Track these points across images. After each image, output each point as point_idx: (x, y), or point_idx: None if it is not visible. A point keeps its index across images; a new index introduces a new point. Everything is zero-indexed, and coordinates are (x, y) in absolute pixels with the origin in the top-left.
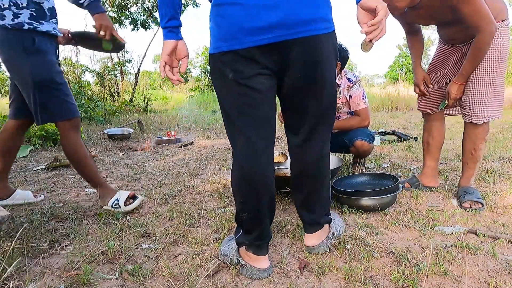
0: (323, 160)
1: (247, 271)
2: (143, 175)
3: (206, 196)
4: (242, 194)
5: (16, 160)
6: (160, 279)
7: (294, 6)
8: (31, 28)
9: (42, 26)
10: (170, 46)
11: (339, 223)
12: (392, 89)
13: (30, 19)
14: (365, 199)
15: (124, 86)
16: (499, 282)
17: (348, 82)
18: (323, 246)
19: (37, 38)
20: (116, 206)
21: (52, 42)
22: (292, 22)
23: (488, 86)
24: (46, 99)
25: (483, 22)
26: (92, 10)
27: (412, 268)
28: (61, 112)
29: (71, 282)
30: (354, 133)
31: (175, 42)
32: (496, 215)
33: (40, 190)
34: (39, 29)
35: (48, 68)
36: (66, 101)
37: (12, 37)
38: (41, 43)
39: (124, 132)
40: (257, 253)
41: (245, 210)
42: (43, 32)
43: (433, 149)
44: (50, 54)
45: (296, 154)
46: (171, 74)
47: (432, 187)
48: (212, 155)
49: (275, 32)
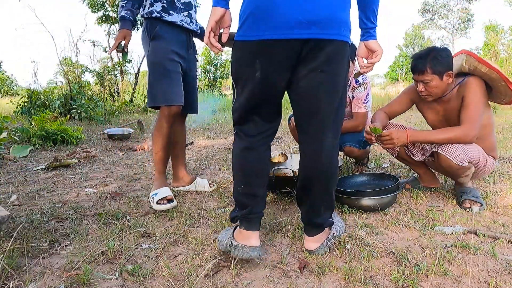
0: (333, 160)
1: (238, 250)
2: (143, 175)
3: (206, 196)
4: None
5: (16, 160)
6: (160, 279)
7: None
8: (158, 17)
9: (170, 16)
10: (219, 13)
11: (339, 223)
12: (392, 89)
13: (161, 10)
14: (365, 199)
15: (124, 86)
16: (499, 282)
17: (354, 82)
18: (323, 248)
19: (160, 26)
20: (151, 200)
21: (179, 33)
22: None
23: None
24: (154, 82)
25: (468, 122)
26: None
27: (412, 268)
28: (162, 97)
29: (71, 282)
30: (345, 138)
31: (224, 10)
32: (496, 215)
33: (40, 190)
34: (164, 18)
35: (162, 53)
36: (169, 88)
37: (145, 24)
38: (162, 31)
39: (124, 132)
40: (248, 228)
41: (242, 183)
42: (169, 22)
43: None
44: (169, 42)
45: (308, 155)
46: (214, 41)
47: (433, 187)
48: (212, 155)
49: (312, 29)
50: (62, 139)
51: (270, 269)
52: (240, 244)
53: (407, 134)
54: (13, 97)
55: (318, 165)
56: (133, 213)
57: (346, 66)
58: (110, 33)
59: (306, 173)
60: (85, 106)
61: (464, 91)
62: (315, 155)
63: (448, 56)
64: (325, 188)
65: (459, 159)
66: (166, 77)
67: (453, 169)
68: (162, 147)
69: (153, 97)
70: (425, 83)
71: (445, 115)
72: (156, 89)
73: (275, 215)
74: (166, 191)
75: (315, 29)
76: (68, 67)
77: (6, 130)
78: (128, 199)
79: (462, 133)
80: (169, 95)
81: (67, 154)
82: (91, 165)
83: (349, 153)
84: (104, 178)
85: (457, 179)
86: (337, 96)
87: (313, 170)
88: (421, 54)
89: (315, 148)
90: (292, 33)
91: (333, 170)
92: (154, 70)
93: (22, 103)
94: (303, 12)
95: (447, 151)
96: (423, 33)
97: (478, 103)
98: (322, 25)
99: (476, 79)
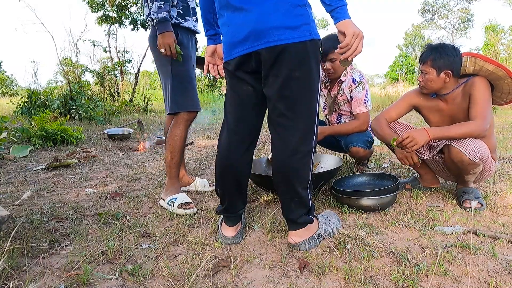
0: (297, 158)
1: (219, 236)
2: (143, 175)
3: (206, 196)
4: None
5: (16, 160)
6: (160, 279)
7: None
8: (177, 23)
9: (186, 22)
10: (210, 50)
11: (332, 225)
12: (392, 89)
13: (177, 15)
14: (365, 199)
15: (124, 86)
16: (499, 282)
17: (351, 82)
18: (304, 245)
19: (180, 32)
20: (170, 204)
21: (192, 38)
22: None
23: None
24: (178, 90)
25: (480, 117)
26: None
27: (412, 268)
28: (186, 103)
29: (71, 282)
30: (350, 138)
31: (214, 46)
32: (496, 215)
33: (40, 190)
34: (182, 24)
35: (188, 62)
36: (192, 94)
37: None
38: (183, 38)
39: (124, 132)
40: (226, 222)
41: (218, 185)
42: (186, 28)
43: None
44: (189, 49)
45: (272, 150)
46: (212, 70)
47: (433, 187)
48: (212, 155)
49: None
50: (62, 139)
51: (270, 269)
52: (221, 232)
53: (427, 132)
54: (13, 97)
55: (279, 164)
56: (133, 213)
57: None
58: (110, 33)
59: (273, 171)
60: (85, 106)
61: (470, 89)
62: (275, 149)
63: (453, 56)
64: (290, 186)
65: (472, 153)
66: (191, 84)
67: (464, 164)
68: (179, 152)
69: (178, 104)
70: (424, 74)
71: (450, 115)
72: (182, 97)
73: (275, 215)
74: (186, 197)
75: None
76: (68, 67)
77: (6, 130)
78: (128, 199)
79: (477, 127)
80: (193, 102)
81: (67, 154)
82: (91, 165)
83: (355, 154)
84: (104, 178)
85: (464, 177)
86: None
87: (275, 168)
88: (431, 46)
89: (276, 140)
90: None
91: (291, 170)
92: (181, 78)
93: (22, 103)
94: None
95: (460, 145)
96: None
97: (486, 101)
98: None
99: (481, 79)
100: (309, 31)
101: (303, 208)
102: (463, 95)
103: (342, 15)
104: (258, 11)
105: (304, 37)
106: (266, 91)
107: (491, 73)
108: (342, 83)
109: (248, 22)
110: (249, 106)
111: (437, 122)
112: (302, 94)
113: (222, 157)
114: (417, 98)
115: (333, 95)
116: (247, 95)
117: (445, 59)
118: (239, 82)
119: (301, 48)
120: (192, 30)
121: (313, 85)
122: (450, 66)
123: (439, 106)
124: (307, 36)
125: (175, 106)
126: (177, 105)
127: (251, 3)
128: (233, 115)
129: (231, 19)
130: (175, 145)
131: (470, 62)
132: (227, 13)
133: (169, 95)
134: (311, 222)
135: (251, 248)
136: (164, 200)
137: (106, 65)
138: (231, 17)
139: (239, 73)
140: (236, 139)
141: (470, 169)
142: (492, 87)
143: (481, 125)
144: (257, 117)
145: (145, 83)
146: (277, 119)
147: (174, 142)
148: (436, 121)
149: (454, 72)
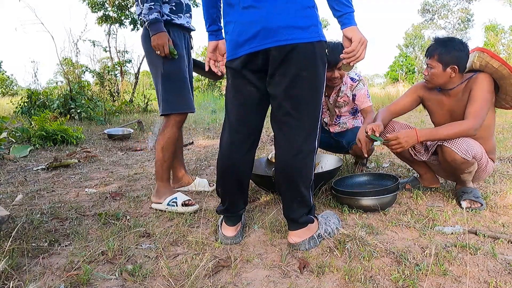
0: (300, 157)
1: (219, 235)
2: (143, 175)
3: (206, 196)
4: (218, 171)
5: (16, 160)
6: (160, 279)
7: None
8: (168, 20)
9: (179, 19)
10: (212, 46)
11: (332, 225)
12: (392, 89)
13: (170, 12)
14: (365, 199)
15: (124, 86)
16: (499, 282)
17: (351, 81)
18: (304, 245)
19: (172, 30)
20: (173, 204)
21: (185, 35)
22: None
23: None
24: (170, 90)
25: (472, 116)
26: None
27: (412, 268)
28: (179, 104)
29: (71, 282)
30: (352, 136)
31: (216, 42)
32: (496, 215)
33: (40, 190)
34: (174, 21)
35: (179, 61)
36: (185, 95)
37: (146, 32)
38: (175, 36)
39: (124, 132)
40: (226, 222)
41: (219, 185)
42: (178, 25)
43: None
44: (181, 48)
45: (276, 149)
46: (213, 66)
47: (433, 187)
48: (212, 155)
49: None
50: (62, 139)
51: (270, 269)
52: (221, 231)
53: (416, 134)
54: (13, 97)
55: (283, 163)
56: (133, 213)
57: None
58: (110, 33)
59: (276, 169)
60: (85, 106)
61: (472, 85)
62: (278, 148)
63: (460, 51)
64: (293, 185)
65: (463, 151)
66: (183, 83)
67: (457, 163)
68: (172, 154)
69: (171, 105)
70: (430, 68)
71: (450, 110)
72: (174, 97)
73: (275, 215)
74: (184, 195)
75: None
76: (68, 67)
77: (6, 130)
78: (128, 199)
79: (465, 127)
80: (186, 102)
81: (67, 154)
82: (91, 165)
83: (357, 152)
84: (104, 178)
85: (460, 176)
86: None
87: (278, 167)
88: (439, 39)
89: (279, 139)
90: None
91: (295, 169)
92: (172, 78)
93: (22, 103)
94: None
95: (451, 144)
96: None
97: (484, 99)
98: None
99: (485, 75)
100: (317, 33)
101: (304, 208)
102: (464, 91)
103: (350, 21)
104: (268, 9)
105: (313, 38)
106: (271, 90)
107: (496, 70)
108: (341, 87)
109: (258, 20)
110: (252, 105)
111: (438, 115)
112: (309, 94)
113: (224, 157)
114: (423, 89)
115: (332, 100)
116: (250, 94)
117: (452, 54)
118: (243, 81)
119: (309, 49)
120: (186, 27)
121: (319, 85)
122: (456, 61)
123: (442, 100)
124: (315, 37)
125: (168, 107)
126: (170, 105)
127: (262, 1)
128: (235, 115)
129: (237, 16)
130: (168, 148)
131: (478, 57)
132: (234, 11)
133: (161, 95)
134: (311, 222)
135: (251, 248)
136: (161, 203)
137: (106, 65)
138: (238, 15)
139: (244, 71)
140: (238, 138)
141: (464, 168)
142: (498, 88)
143: (470, 125)
144: (259, 117)
145: (145, 83)
146: (283, 118)
147: (167, 144)
148: (437, 114)
149: (460, 68)
